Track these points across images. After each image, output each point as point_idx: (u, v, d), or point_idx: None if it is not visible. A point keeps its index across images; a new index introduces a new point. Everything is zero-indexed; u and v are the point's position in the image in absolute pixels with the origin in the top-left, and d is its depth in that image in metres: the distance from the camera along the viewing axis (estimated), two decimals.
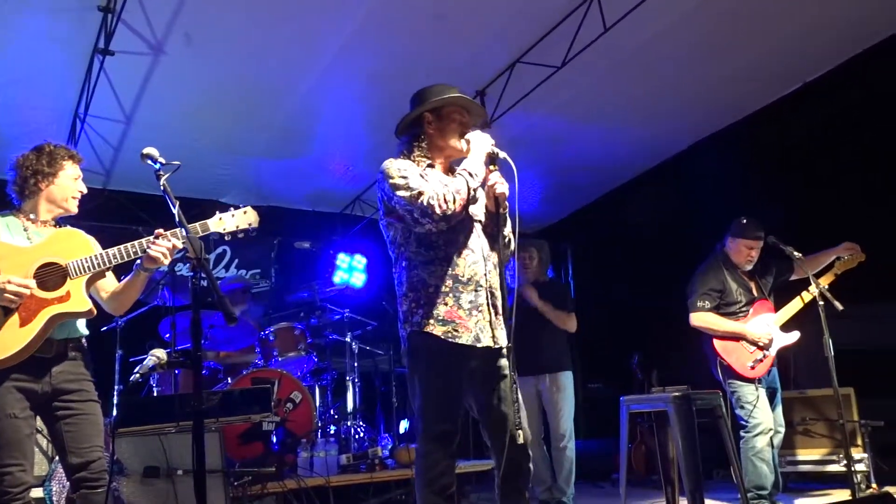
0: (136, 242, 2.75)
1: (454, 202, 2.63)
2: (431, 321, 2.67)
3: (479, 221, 2.89)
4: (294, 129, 6.09)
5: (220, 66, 5.07)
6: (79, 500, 2.71)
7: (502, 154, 2.79)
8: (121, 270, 2.91)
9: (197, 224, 2.76)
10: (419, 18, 4.76)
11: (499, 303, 2.79)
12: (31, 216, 2.86)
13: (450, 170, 2.92)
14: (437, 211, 2.61)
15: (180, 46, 4.75)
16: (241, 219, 2.86)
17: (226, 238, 2.87)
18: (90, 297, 2.80)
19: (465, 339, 2.67)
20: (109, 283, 2.95)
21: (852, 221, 5.13)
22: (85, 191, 2.96)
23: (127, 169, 6.33)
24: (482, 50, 5.17)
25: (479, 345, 2.67)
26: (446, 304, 2.69)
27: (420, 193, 2.64)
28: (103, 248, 2.83)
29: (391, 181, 2.72)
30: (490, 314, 2.74)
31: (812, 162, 5.77)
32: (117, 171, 6.41)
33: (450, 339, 2.66)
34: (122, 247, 2.75)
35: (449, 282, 2.71)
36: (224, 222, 2.83)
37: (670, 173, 7.02)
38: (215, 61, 5.02)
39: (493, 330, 2.74)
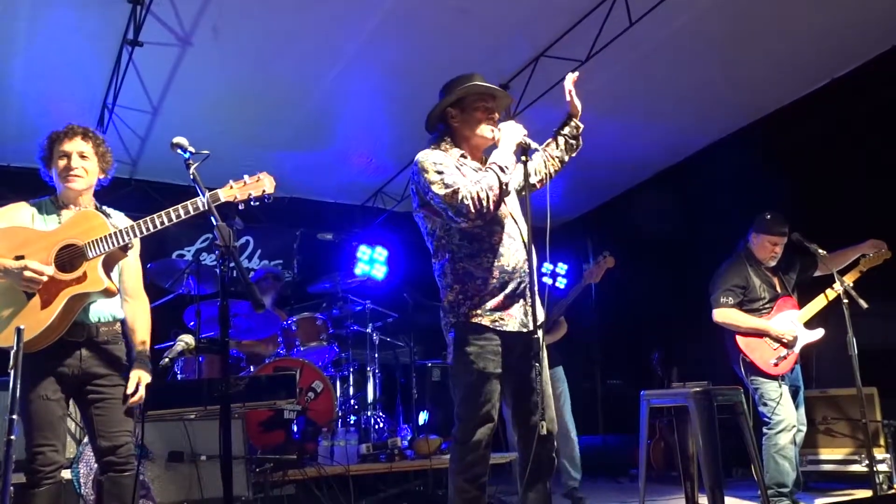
0: (147, 219, 2.73)
1: (487, 199, 2.63)
2: (479, 311, 2.70)
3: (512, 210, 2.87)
4: (317, 122, 6.14)
5: (245, 58, 5.13)
6: (106, 483, 2.75)
7: (534, 144, 2.78)
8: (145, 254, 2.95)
9: (207, 196, 2.64)
10: (442, 12, 4.77)
11: (535, 287, 2.78)
12: (63, 200, 2.91)
13: (483, 160, 2.92)
14: (472, 210, 2.62)
15: (207, 39, 4.81)
16: (253, 186, 2.77)
17: (240, 207, 2.77)
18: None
19: (511, 325, 2.71)
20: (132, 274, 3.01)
21: (877, 220, 5.07)
22: (77, 165, 2.85)
23: (153, 159, 6.43)
24: (505, 44, 5.17)
25: (524, 330, 2.69)
26: (493, 295, 2.72)
27: (455, 192, 2.63)
28: None
29: (427, 175, 2.71)
30: (533, 297, 2.72)
31: (835, 161, 5.71)
32: (143, 161, 6.51)
33: (497, 328, 2.70)
34: (132, 224, 2.75)
35: (496, 272, 2.73)
36: (235, 191, 2.75)
37: (693, 170, 6.98)
38: (241, 54, 5.07)
39: (532, 314, 2.72)
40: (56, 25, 4.60)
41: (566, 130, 3.11)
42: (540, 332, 2.60)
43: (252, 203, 2.78)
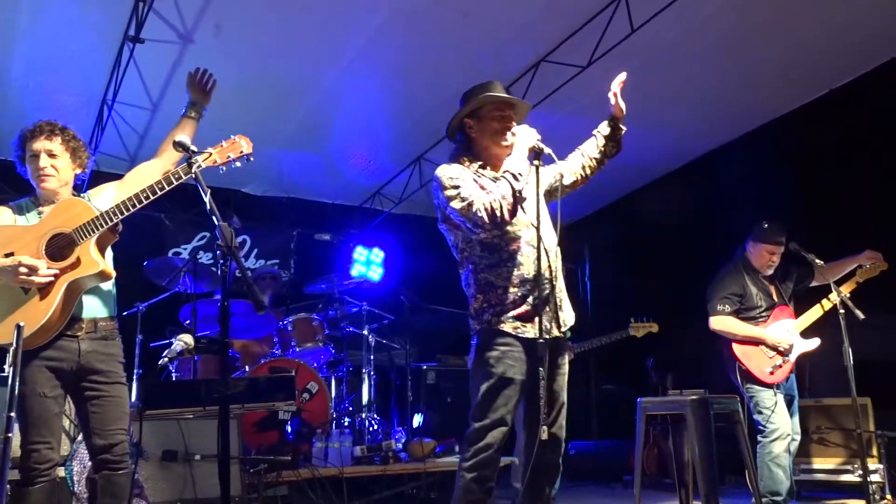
0: (132, 196, 2.72)
1: (501, 209, 2.65)
2: (501, 318, 2.75)
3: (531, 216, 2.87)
4: (317, 122, 6.14)
5: (246, 57, 5.12)
6: (100, 481, 2.74)
7: (547, 150, 2.77)
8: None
9: (185, 166, 2.64)
10: (444, 14, 4.77)
11: (562, 293, 2.85)
12: (42, 199, 2.90)
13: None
14: (486, 220, 2.66)
15: (209, 37, 4.80)
16: (230, 148, 2.82)
17: (220, 171, 2.81)
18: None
19: (531, 333, 2.74)
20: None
21: (877, 229, 5.08)
22: (45, 165, 2.82)
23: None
24: (507, 48, 5.17)
25: (547, 336, 2.70)
26: (516, 304, 2.76)
27: (470, 205, 2.68)
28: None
29: (445, 192, 2.77)
30: (556, 303, 2.78)
31: (836, 169, 5.72)
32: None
33: (519, 335, 2.74)
34: (117, 204, 2.73)
35: (516, 281, 2.77)
36: (214, 156, 2.79)
37: (693, 176, 6.98)
38: (242, 53, 5.06)
39: (558, 318, 2.78)
40: (57, 20, 4.59)
41: (608, 132, 3.11)
42: (560, 335, 2.67)
43: (233, 165, 2.82)
